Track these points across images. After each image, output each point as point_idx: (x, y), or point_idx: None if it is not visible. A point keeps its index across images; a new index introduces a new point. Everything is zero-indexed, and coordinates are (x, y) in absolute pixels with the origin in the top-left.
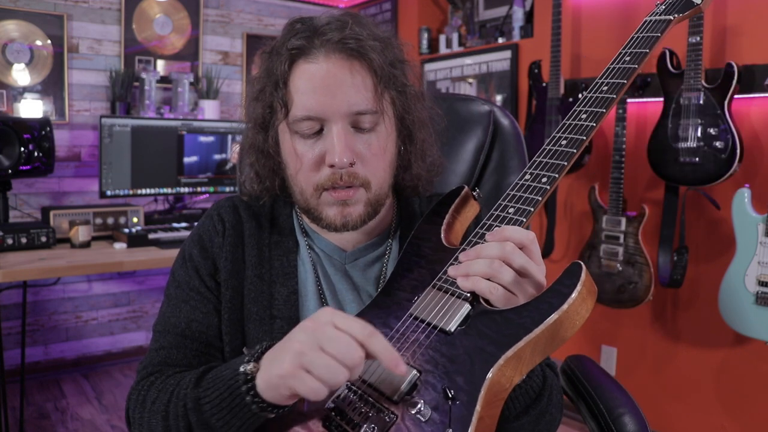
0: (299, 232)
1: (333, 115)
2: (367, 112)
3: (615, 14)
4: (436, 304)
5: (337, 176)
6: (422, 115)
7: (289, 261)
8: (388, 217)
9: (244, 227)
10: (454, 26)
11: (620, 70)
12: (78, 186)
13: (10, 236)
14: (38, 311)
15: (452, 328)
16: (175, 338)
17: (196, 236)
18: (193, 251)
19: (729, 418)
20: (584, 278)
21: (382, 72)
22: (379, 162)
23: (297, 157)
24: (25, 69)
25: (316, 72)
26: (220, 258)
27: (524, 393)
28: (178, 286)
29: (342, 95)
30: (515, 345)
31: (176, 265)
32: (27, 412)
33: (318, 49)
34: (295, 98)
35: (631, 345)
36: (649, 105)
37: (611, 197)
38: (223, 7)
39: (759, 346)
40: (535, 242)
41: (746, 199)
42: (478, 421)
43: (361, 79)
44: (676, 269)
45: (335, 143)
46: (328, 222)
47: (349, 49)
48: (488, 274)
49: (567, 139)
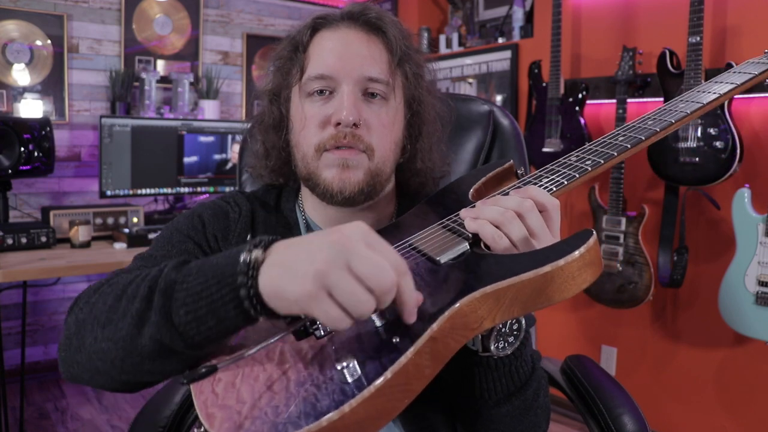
0: (302, 224)
1: (345, 77)
2: (379, 81)
3: (615, 14)
4: (436, 239)
5: (341, 135)
6: (432, 110)
7: None
8: (388, 213)
9: (257, 214)
10: (454, 26)
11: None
12: (78, 186)
13: (10, 236)
14: (38, 311)
15: (442, 259)
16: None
17: (209, 204)
18: (204, 212)
19: (729, 418)
20: (591, 244)
21: (398, 48)
22: (384, 133)
23: (304, 117)
24: (25, 69)
25: (335, 36)
26: (233, 232)
27: (508, 375)
28: (176, 230)
29: (357, 60)
30: (497, 283)
31: (178, 217)
32: (27, 412)
33: (340, 20)
34: (312, 60)
35: (631, 345)
36: (649, 105)
37: (611, 197)
38: (223, 7)
39: (759, 346)
40: (557, 210)
41: (746, 199)
42: (429, 338)
43: (377, 50)
44: (676, 269)
45: (344, 101)
46: (326, 186)
47: (369, 22)
48: (498, 222)
49: (624, 136)
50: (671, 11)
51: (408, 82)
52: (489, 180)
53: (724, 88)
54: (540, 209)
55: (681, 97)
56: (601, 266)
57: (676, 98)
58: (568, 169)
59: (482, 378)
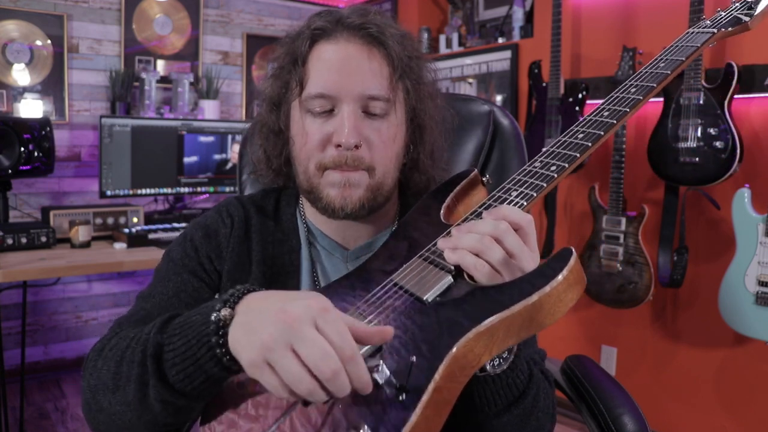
0: (302, 229)
1: (346, 96)
2: (380, 98)
3: (615, 14)
4: (419, 274)
5: (342, 158)
6: (434, 114)
7: (291, 260)
8: (391, 214)
9: (252, 222)
10: (454, 26)
11: (652, 75)
12: (78, 186)
13: (10, 236)
14: (38, 311)
15: (429, 297)
16: (161, 302)
17: (201, 223)
18: (195, 234)
19: (729, 418)
20: (573, 264)
21: (399, 62)
22: (386, 150)
23: (306, 134)
24: (25, 69)
25: (335, 52)
26: (226, 248)
27: (506, 387)
28: (171, 261)
29: (357, 77)
30: (487, 320)
31: (172, 245)
32: (27, 412)
33: (339, 31)
34: (311, 75)
35: (631, 345)
36: (649, 105)
37: (611, 197)
38: (223, 7)
39: (759, 346)
40: (532, 225)
41: (746, 199)
42: (433, 390)
43: (377, 65)
44: (676, 269)
45: (344, 123)
46: (328, 202)
47: (369, 34)
48: (477, 249)
49: (584, 132)
50: (671, 11)
51: (409, 95)
52: (457, 194)
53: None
54: (515, 228)
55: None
56: (584, 283)
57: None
58: (534, 178)
59: (481, 393)
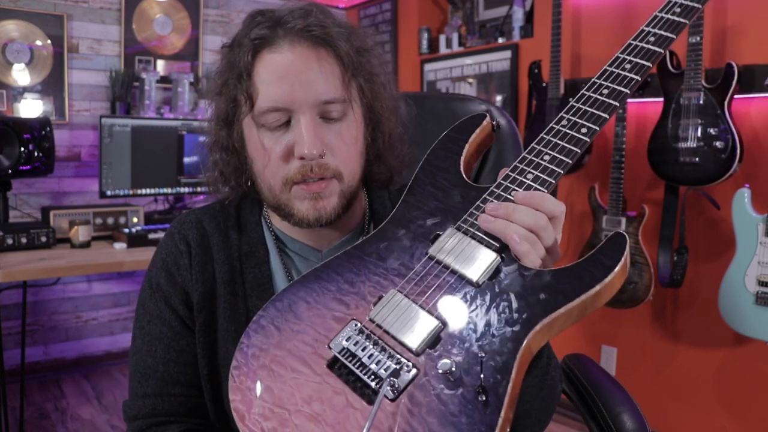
0: (269, 237)
1: (300, 106)
2: (335, 101)
3: (615, 14)
4: (461, 249)
5: (307, 168)
6: (390, 104)
7: (261, 272)
8: (359, 212)
9: (211, 242)
10: (454, 26)
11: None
12: (78, 186)
13: (10, 236)
14: (38, 311)
15: (480, 279)
16: (157, 384)
17: (159, 262)
18: (159, 280)
19: (729, 418)
20: (627, 253)
21: (349, 60)
22: (350, 152)
23: (264, 151)
24: (25, 69)
25: (281, 61)
26: (190, 282)
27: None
28: (150, 320)
29: (309, 84)
30: (554, 312)
31: (144, 294)
32: (27, 412)
33: (282, 38)
34: (260, 89)
35: (631, 345)
36: (649, 105)
37: (611, 197)
38: (223, 7)
39: (759, 346)
40: (564, 215)
41: (746, 199)
42: (512, 389)
43: (328, 68)
44: (676, 269)
45: (304, 134)
46: (301, 217)
47: (314, 36)
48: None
49: (609, 89)
50: None
51: (364, 85)
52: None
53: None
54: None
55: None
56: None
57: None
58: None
59: None
